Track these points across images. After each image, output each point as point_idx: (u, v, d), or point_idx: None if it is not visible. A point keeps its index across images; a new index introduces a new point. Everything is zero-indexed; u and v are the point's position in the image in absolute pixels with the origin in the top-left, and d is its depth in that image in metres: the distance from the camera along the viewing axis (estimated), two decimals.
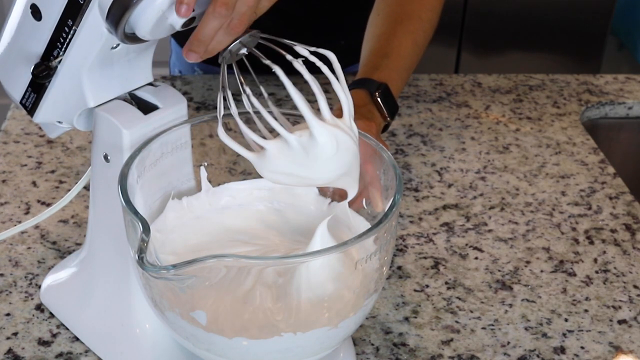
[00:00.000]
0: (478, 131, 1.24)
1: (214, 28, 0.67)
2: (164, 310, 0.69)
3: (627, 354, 0.86)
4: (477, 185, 1.11)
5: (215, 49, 0.69)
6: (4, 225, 1.00)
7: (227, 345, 0.67)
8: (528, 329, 0.88)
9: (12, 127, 1.19)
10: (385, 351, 0.85)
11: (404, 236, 1.01)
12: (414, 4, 1.09)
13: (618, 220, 1.06)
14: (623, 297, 0.94)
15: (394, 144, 1.19)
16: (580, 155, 1.19)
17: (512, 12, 2.39)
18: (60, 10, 0.70)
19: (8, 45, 0.77)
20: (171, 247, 0.76)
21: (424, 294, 0.92)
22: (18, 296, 0.90)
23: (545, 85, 1.38)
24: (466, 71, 2.44)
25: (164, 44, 0.84)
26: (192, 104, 1.26)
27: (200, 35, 0.67)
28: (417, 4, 1.09)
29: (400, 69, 1.04)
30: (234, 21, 0.67)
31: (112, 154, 0.75)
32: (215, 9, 0.66)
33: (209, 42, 0.68)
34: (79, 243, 0.97)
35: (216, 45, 0.69)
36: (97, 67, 0.73)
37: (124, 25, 0.67)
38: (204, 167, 0.81)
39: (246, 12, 0.67)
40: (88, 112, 0.77)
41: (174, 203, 0.78)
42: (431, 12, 1.10)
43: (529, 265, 0.97)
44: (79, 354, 0.83)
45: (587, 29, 2.45)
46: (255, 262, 0.68)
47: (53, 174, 1.10)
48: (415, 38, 1.07)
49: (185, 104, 0.78)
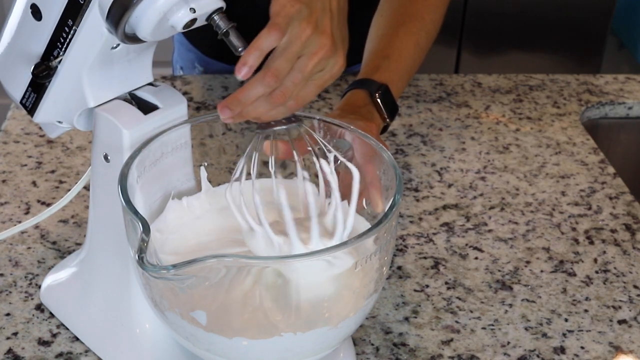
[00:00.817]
0: (478, 131, 1.24)
1: (257, 94, 0.69)
2: (164, 310, 0.69)
3: (627, 354, 0.86)
4: (477, 185, 1.11)
5: (249, 113, 0.71)
6: (4, 225, 1.00)
7: (227, 345, 0.67)
8: (528, 329, 0.88)
9: (12, 127, 1.19)
10: (385, 351, 0.85)
11: (404, 236, 1.01)
12: (417, 5, 1.09)
13: (618, 220, 1.06)
14: (623, 297, 0.94)
15: (394, 144, 1.19)
16: (580, 156, 1.19)
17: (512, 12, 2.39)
18: (60, 10, 0.70)
19: (8, 45, 0.77)
20: (171, 247, 0.76)
21: (424, 294, 0.92)
22: (18, 296, 0.90)
23: (545, 85, 1.38)
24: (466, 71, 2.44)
25: (166, 42, 0.84)
26: (192, 104, 1.26)
27: (241, 97, 0.69)
28: (420, 6, 1.09)
29: (401, 70, 1.04)
30: (277, 93, 0.69)
31: (112, 154, 0.75)
32: (264, 77, 0.68)
33: (248, 105, 0.70)
34: (79, 243, 0.97)
35: (251, 110, 0.70)
36: (97, 67, 0.73)
37: (124, 25, 0.67)
38: (204, 167, 0.81)
39: (291, 88, 0.70)
40: (88, 112, 0.77)
41: (174, 203, 0.78)
42: (434, 14, 1.10)
43: (529, 265, 0.97)
44: (79, 354, 0.83)
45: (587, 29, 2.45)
46: (255, 262, 0.68)
47: (53, 174, 1.10)
48: (418, 39, 1.07)
49: (185, 104, 0.78)
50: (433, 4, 1.10)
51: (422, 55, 1.08)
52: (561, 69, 2.46)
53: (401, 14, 1.08)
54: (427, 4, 1.09)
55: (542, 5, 2.39)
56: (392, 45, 1.04)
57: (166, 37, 0.70)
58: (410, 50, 1.05)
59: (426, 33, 1.08)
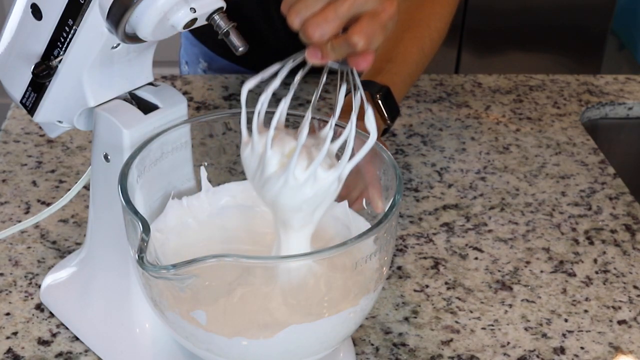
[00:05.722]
0: (478, 131, 1.24)
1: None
2: (164, 310, 0.69)
3: (627, 354, 0.86)
4: (477, 185, 1.11)
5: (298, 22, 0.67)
6: (3, 224, 1.00)
7: (227, 345, 0.67)
8: (528, 329, 0.88)
9: (12, 127, 1.19)
10: (385, 351, 0.85)
11: (404, 236, 1.01)
12: (423, 12, 1.09)
13: (618, 220, 1.06)
14: (623, 297, 0.94)
15: (394, 144, 1.19)
16: (580, 156, 1.19)
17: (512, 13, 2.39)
18: (60, 9, 0.70)
19: (8, 44, 0.77)
20: (171, 246, 0.76)
21: (423, 294, 0.92)
22: (18, 296, 0.90)
23: (545, 86, 1.38)
24: (466, 71, 2.43)
25: (170, 42, 0.84)
26: (192, 104, 1.26)
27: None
28: (426, 12, 1.09)
29: (404, 74, 1.04)
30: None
31: (112, 153, 0.75)
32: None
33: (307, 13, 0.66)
34: (79, 243, 0.97)
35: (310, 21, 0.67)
36: (98, 66, 0.73)
37: (125, 25, 0.67)
38: (204, 167, 0.81)
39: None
40: (88, 111, 0.77)
41: (174, 203, 0.78)
42: (440, 21, 1.10)
43: (528, 265, 0.97)
44: (79, 353, 0.83)
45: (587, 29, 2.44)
46: (255, 262, 0.68)
47: (53, 173, 1.10)
48: (422, 45, 1.07)
49: (185, 104, 0.78)
50: (439, 12, 1.10)
51: (425, 62, 1.08)
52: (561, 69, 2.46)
53: (407, 19, 1.08)
54: (433, 11, 1.09)
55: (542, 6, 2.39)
56: (396, 50, 1.04)
57: (166, 37, 0.71)
58: (414, 55, 1.05)
59: (431, 40, 1.08)
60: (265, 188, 0.69)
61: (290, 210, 0.69)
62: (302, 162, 0.67)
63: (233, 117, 0.79)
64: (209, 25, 0.71)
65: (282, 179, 0.67)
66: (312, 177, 0.67)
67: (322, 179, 0.68)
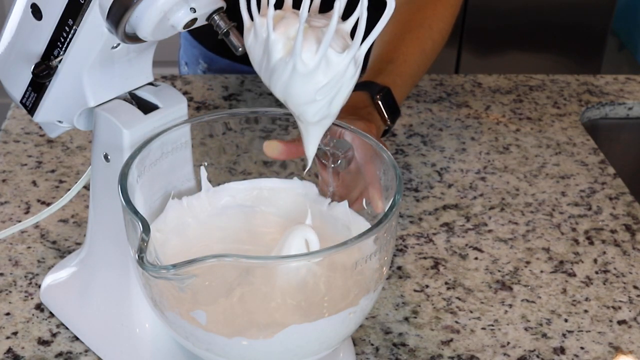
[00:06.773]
0: (478, 131, 1.24)
1: None
2: (164, 310, 0.69)
3: (627, 354, 0.86)
4: (477, 185, 1.11)
5: None
6: (4, 224, 1.00)
7: (227, 345, 0.67)
8: (528, 329, 0.88)
9: (12, 127, 1.19)
10: (385, 351, 0.85)
11: (404, 236, 1.01)
12: (425, 13, 1.08)
13: (618, 220, 1.06)
14: (623, 297, 0.94)
15: (394, 144, 1.19)
16: (580, 156, 1.19)
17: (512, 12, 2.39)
18: (60, 9, 0.70)
19: (8, 44, 0.77)
20: (171, 246, 0.76)
21: (423, 294, 0.92)
22: (18, 296, 0.90)
23: (545, 86, 1.38)
24: (466, 71, 2.44)
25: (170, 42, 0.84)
26: (192, 103, 1.26)
27: None
28: (428, 14, 1.09)
29: (405, 75, 1.03)
30: None
31: (112, 153, 0.75)
32: None
33: None
34: (79, 243, 0.97)
35: None
36: (98, 66, 0.73)
37: (125, 25, 0.67)
38: (204, 167, 0.81)
39: None
40: (88, 111, 0.77)
41: (174, 203, 0.78)
42: (442, 22, 1.10)
43: (528, 265, 0.97)
44: (79, 353, 0.83)
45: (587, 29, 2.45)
46: (256, 262, 0.68)
47: (53, 173, 1.10)
48: (424, 47, 1.06)
49: (185, 104, 0.78)
50: (441, 13, 1.10)
51: (427, 63, 1.08)
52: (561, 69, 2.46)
53: (408, 21, 1.07)
54: (435, 13, 1.09)
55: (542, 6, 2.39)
56: (397, 50, 1.04)
57: (166, 37, 0.71)
58: (415, 56, 1.05)
59: (433, 42, 1.08)
60: (273, 78, 0.63)
61: (304, 102, 0.63)
62: (311, 46, 0.60)
63: (233, 117, 0.79)
64: (208, 25, 0.71)
65: (290, 65, 0.61)
66: (323, 61, 0.60)
67: (336, 62, 0.61)
